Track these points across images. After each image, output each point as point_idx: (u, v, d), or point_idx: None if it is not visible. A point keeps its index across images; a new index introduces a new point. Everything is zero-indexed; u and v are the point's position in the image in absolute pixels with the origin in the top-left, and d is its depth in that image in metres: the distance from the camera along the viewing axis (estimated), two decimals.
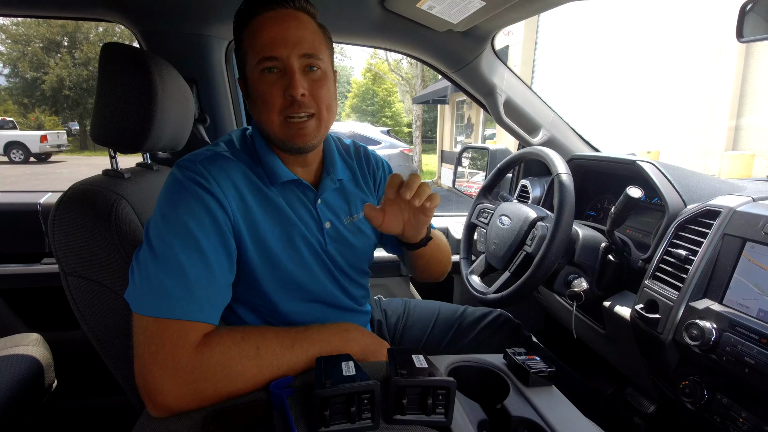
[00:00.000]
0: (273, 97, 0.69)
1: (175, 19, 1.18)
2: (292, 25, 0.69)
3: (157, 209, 0.65)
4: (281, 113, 0.70)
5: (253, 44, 0.69)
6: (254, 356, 0.61)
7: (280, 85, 0.69)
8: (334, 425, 0.54)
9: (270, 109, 0.70)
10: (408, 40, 1.31)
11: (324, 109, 0.73)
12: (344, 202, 0.85)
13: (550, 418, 0.60)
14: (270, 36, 0.68)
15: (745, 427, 0.67)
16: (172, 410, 0.57)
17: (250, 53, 0.70)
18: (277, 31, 0.68)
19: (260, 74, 0.69)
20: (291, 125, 0.71)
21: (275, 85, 0.69)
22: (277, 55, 0.68)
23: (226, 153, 0.73)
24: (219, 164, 0.69)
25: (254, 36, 0.69)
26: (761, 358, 0.64)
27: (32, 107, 21.62)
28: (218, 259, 0.64)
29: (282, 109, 0.70)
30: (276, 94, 0.69)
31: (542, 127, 1.47)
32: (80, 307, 0.73)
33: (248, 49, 0.70)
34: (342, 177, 0.84)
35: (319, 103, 0.72)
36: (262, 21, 0.69)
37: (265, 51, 0.68)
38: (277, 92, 0.69)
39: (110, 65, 0.77)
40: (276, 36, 0.68)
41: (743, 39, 0.81)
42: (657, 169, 0.99)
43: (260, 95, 0.70)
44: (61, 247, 0.71)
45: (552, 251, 0.91)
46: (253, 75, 0.70)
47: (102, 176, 0.81)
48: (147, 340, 0.57)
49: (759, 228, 0.72)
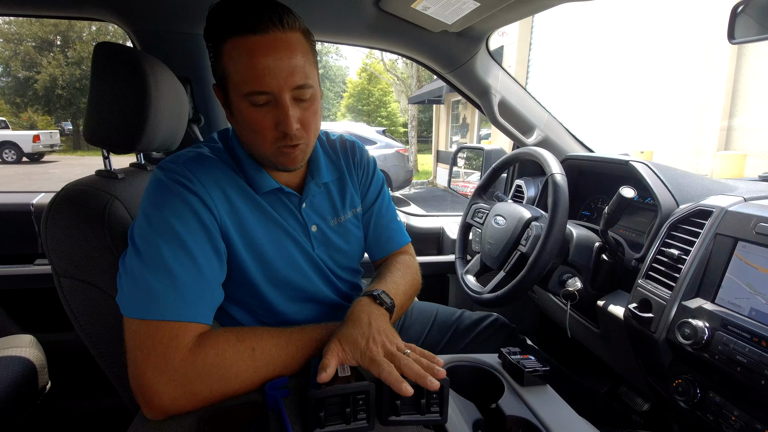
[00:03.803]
0: (264, 129, 0.65)
1: (169, 19, 1.17)
2: (284, 54, 0.62)
3: (141, 212, 0.64)
4: (273, 144, 0.67)
5: (238, 71, 0.62)
6: (249, 357, 0.61)
7: (272, 117, 0.65)
8: (329, 426, 0.54)
9: (262, 139, 0.67)
10: (403, 40, 1.32)
11: (312, 135, 0.70)
12: (330, 205, 0.84)
13: (545, 417, 0.61)
14: (260, 67, 0.61)
15: (737, 425, 0.68)
16: (167, 412, 0.57)
17: (234, 78, 0.63)
18: (269, 62, 0.61)
19: (249, 105, 0.64)
20: (283, 153, 0.68)
21: (266, 117, 0.65)
22: (268, 89, 0.62)
23: (209, 154, 0.72)
24: (202, 165, 0.69)
25: (239, 62, 0.62)
26: (753, 356, 0.65)
27: (24, 107, 21.42)
28: (207, 259, 0.64)
29: (274, 141, 0.67)
30: (267, 126, 0.65)
31: (536, 127, 1.48)
32: (73, 308, 0.73)
33: (231, 71, 0.64)
34: (327, 179, 0.83)
35: (309, 133, 0.69)
36: (249, 46, 0.61)
37: (254, 84, 0.62)
38: (268, 124, 0.65)
39: (103, 65, 0.76)
40: (266, 68, 0.61)
41: (734, 41, 0.82)
42: (650, 169, 1.00)
43: (248, 125, 0.66)
44: (54, 248, 0.70)
45: (546, 251, 0.91)
46: (238, 102, 0.65)
47: (95, 177, 0.80)
48: (139, 344, 0.57)
49: (750, 228, 0.73)
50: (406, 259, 0.94)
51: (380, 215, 0.93)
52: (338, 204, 0.85)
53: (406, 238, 0.98)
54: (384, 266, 0.90)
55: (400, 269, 0.88)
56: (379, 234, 0.93)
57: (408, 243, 0.99)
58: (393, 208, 0.97)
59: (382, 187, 0.95)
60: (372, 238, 0.93)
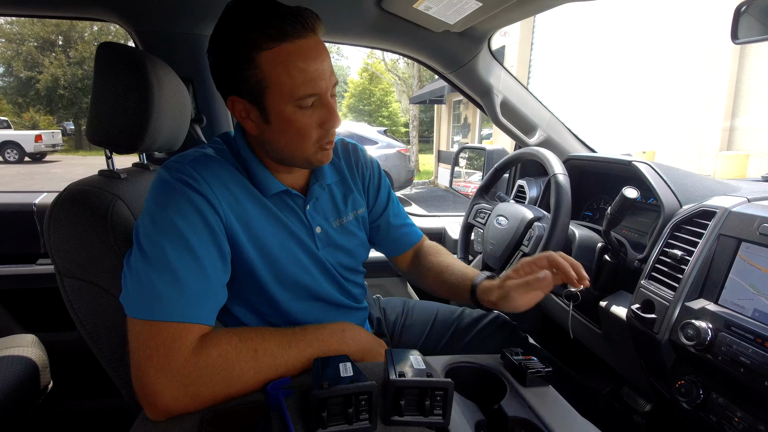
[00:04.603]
0: (311, 130, 0.69)
1: (171, 19, 1.17)
2: (325, 55, 0.67)
3: (145, 211, 0.64)
4: (316, 143, 0.71)
5: (290, 77, 0.64)
6: (252, 358, 0.61)
7: (317, 116, 0.68)
8: (331, 426, 0.53)
9: (307, 141, 0.70)
10: (405, 40, 1.32)
11: None
12: (333, 206, 0.85)
13: (547, 418, 0.60)
14: (312, 71, 0.65)
15: (740, 426, 0.68)
16: (170, 413, 0.57)
17: (283, 86, 0.64)
18: (318, 65, 0.65)
19: (296, 109, 0.66)
20: (323, 150, 0.72)
21: (311, 118, 0.68)
22: (319, 91, 0.66)
23: (214, 155, 0.72)
24: (208, 165, 0.69)
25: (290, 68, 0.64)
26: (756, 358, 0.64)
27: (27, 106, 21.49)
28: (211, 260, 0.63)
29: (318, 140, 0.70)
30: (314, 126, 0.69)
31: (539, 127, 1.48)
32: (76, 308, 0.73)
33: (276, 80, 0.64)
34: (330, 181, 0.84)
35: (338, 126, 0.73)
36: (298, 52, 0.64)
37: (307, 88, 0.65)
38: (314, 124, 0.69)
39: (106, 65, 0.76)
40: (317, 70, 0.65)
41: (738, 41, 0.81)
42: (653, 169, 1.00)
43: (296, 129, 0.68)
44: (57, 248, 0.70)
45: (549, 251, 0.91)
46: (283, 108, 0.66)
47: (98, 176, 0.80)
48: (141, 344, 0.57)
49: (754, 228, 0.73)
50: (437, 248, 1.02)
51: (394, 215, 0.98)
52: (341, 206, 0.86)
53: (419, 232, 1.04)
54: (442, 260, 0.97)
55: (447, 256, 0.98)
56: (396, 233, 0.98)
57: (423, 236, 1.05)
58: (401, 206, 1.02)
59: (389, 188, 0.98)
60: (390, 238, 0.98)
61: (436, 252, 1.00)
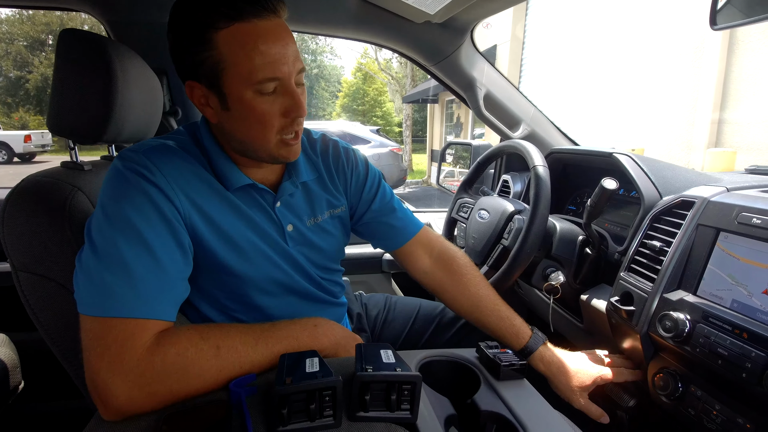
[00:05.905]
0: (272, 119, 0.65)
1: (143, 9, 1.14)
2: (289, 38, 0.63)
3: (98, 204, 0.61)
4: (279, 133, 0.67)
5: (248, 59, 0.60)
6: (214, 356, 0.58)
7: (279, 104, 0.64)
8: (292, 424, 0.51)
9: (269, 130, 0.65)
10: (386, 31, 1.30)
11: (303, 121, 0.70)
12: (307, 204, 0.81)
13: (519, 412, 0.59)
14: (272, 53, 0.61)
15: (718, 419, 0.66)
16: (124, 413, 0.54)
17: (240, 68, 0.61)
18: (279, 48, 0.61)
19: (256, 94, 0.63)
20: (287, 145, 0.68)
21: (273, 105, 0.64)
22: (280, 75, 0.62)
23: (175, 146, 0.69)
24: (165, 155, 0.66)
25: (247, 49, 0.60)
26: (734, 349, 0.63)
27: (16, 106, 21.26)
28: (168, 253, 0.61)
29: (279, 131, 0.66)
30: (275, 114, 0.65)
31: (523, 121, 1.46)
32: (32, 304, 0.70)
33: (232, 61, 0.61)
34: (306, 179, 0.80)
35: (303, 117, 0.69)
36: (258, 32, 0.60)
37: (267, 71, 0.61)
38: (276, 112, 0.65)
39: (67, 52, 0.73)
40: (278, 53, 0.61)
41: (716, 26, 0.80)
42: (633, 161, 0.98)
43: (255, 116, 0.64)
44: (12, 240, 0.67)
45: (528, 244, 0.90)
46: (242, 92, 0.62)
47: (59, 168, 0.78)
48: (93, 342, 0.54)
49: (732, 218, 0.72)
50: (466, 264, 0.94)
51: (386, 208, 0.91)
52: (316, 204, 0.82)
53: (419, 223, 0.96)
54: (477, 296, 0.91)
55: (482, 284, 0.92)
56: (390, 226, 0.92)
57: (423, 227, 0.96)
58: (397, 198, 0.95)
59: (380, 182, 0.92)
60: (383, 231, 0.92)
61: (474, 280, 0.92)
